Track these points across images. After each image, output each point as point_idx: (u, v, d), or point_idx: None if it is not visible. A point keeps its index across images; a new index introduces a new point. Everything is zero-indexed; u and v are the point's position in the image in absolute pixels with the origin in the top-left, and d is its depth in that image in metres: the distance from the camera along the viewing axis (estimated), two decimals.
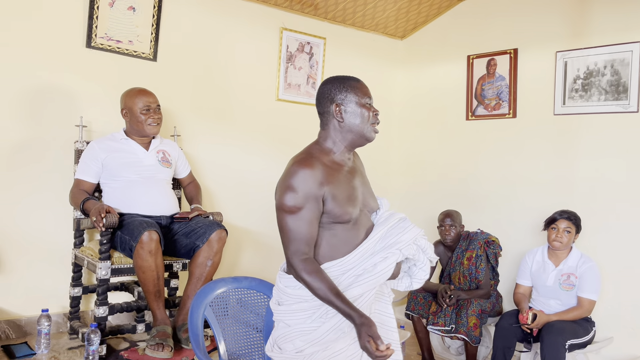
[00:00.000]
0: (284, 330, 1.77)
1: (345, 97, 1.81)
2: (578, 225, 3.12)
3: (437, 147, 4.38)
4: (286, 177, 1.74)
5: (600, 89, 3.39)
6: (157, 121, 2.85)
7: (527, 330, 3.04)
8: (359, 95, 1.81)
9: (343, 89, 1.82)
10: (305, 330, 1.73)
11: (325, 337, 1.71)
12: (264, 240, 3.85)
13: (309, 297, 1.73)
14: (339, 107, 1.81)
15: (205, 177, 3.54)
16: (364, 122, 1.81)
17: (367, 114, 1.81)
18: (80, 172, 2.78)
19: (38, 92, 2.96)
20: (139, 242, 2.47)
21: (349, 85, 1.83)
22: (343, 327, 1.71)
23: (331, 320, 1.72)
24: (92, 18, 3.05)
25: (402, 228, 1.82)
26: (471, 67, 4.10)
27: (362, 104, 1.81)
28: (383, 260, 1.75)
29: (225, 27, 3.64)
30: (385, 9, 4.11)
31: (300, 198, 1.69)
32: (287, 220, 1.71)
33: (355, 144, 1.85)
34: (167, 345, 2.50)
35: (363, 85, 1.85)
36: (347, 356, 1.74)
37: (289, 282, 1.79)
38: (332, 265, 1.76)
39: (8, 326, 2.86)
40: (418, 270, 1.89)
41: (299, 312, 1.75)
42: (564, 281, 3.09)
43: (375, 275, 1.74)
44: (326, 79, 1.89)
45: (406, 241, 1.79)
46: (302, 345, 1.72)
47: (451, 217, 3.51)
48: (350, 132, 1.82)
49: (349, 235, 1.78)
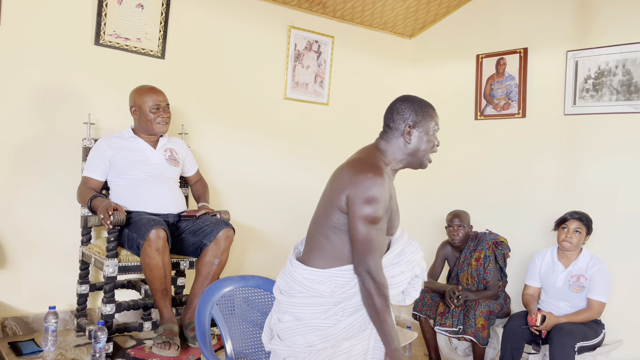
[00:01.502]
0: (293, 324, 1.77)
1: (419, 122, 1.86)
2: (589, 226, 3.09)
3: (445, 146, 4.32)
4: (366, 186, 1.71)
5: (612, 89, 3.35)
6: (166, 120, 2.85)
7: (536, 332, 3.01)
8: (432, 125, 1.88)
9: (420, 113, 1.86)
10: (319, 325, 1.73)
11: (341, 335, 1.73)
12: (271, 238, 3.84)
13: (327, 294, 1.74)
14: (412, 129, 1.85)
15: (212, 176, 3.53)
16: (426, 151, 1.89)
17: (433, 144, 1.90)
18: (88, 170, 2.78)
19: (46, 90, 2.96)
20: (147, 240, 2.46)
21: (426, 111, 1.88)
22: (357, 326, 1.73)
23: (348, 318, 1.73)
24: (100, 15, 3.05)
25: (414, 248, 1.91)
26: (480, 67, 4.08)
27: (432, 133, 1.88)
28: (400, 274, 1.84)
29: (234, 25, 3.63)
30: (394, 7, 4.09)
31: (381, 209, 1.73)
32: (372, 232, 1.72)
33: (409, 166, 1.92)
34: (173, 344, 2.49)
35: (437, 115, 1.92)
36: (350, 356, 1.75)
37: (308, 275, 1.78)
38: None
39: (15, 323, 2.87)
40: (412, 289, 1.96)
41: (314, 306, 1.74)
42: (573, 283, 3.06)
43: (393, 285, 1.81)
44: (405, 96, 1.92)
45: (417, 261, 1.90)
46: (315, 340, 1.73)
47: (459, 217, 3.49)
48: (411, 156, 1.88)
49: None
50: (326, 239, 1.79)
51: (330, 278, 1.76)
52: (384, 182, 1.72)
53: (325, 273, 1.77)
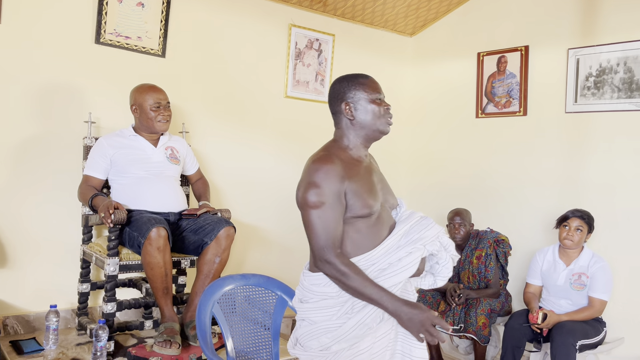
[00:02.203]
0: (309, 328, 1.76)
1: (354, 95, 1.82)
2: (590, 224, 3.08)
3: (446, 145, 4.35)
4: (308, 175, 1.73)
5: (613, 87, 3.35)
6: (167, 118, 2.85)
7: (537, 330, 3.01)
8: (368, 92, 1.83)
9: (352, 87, 1.83)
10: (330, 327, 1.72)
11: (352, 333, 1.70)
12: (272, 237, 3.84)
13: (335, 294, 1.73)
14: (349, 105, 1.82)
15: (213, 174, 3.53)
16: (375, 118, 1.83)
17: (377, 109, 1.83)
18: (89, 168, 2.78)
19: (47, 88, 2.96)
20: (147, 239, 2.46)
21: (357, 82, 1.84)
22: (368, 322, 1.70)
23: (357, 315, 1.70)
24: (101, 14, 3.04)
25: (425, 225, 1.83)
26: (481, 65, 4.07)
27: (371, 100, 1.83)
28: (408, 255, 1.75)
29: (234, 23, 3.62)
30: (395, 5, 4.08)
31: (323, 194, 1.69)
32: (313, 216, 1.69)
33: (369, 139, 1.86)
34: (174, 342, 2.49)
35: (372, 81, 1.86)
36: (371, 354, 1.73)
37: (314, 280, 1.77)
38: (357, 261, 1.74)
39: (17, 322, 2.87)
40: (441, 268, 1.88)
41: (325, 309, 1.74)
42: (574, 281, 3.05)
43: (401, 269, 1.73)
44: (336, 79, 1.89)
45: (430, 237, 1.80)
46: (328, 342, 1.71)
47: (460, 215, 3.49)
48: (362, 129, 1.83)
49: (372, 232, 1.78)
50: None
51: None
52: (329, 168, 1.70)
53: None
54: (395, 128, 4.26)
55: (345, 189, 1.73)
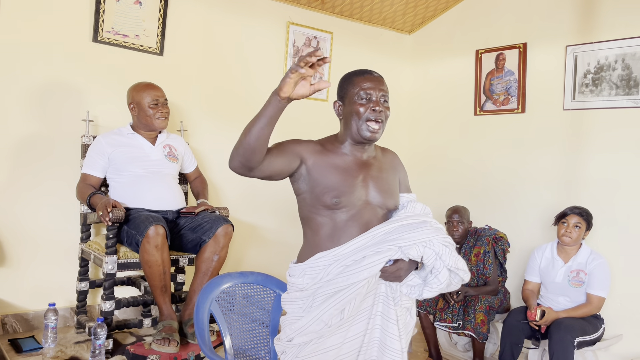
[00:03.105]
0: (283, 318, 1.80)
1: (344, 94, 1.78)
2: (589, 221, 3.08)
3: (445, 142, 4.35)
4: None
5: (611, 84, 3.35)
6: (165, 115, 2.85)
7: (536, 327, 3.01)
8: (356, 90, 1.73)
9: (344, 85, 1.79)
10: (293, 319, 1.73)
11: (309, 328, 1.68)
12: (270, 235, 3.84)
13: (303, 286, 1.71)
14: (338, 102, 1.80)
15: (211, 172, 3.53)
16: (355, 120, 1.72)
17: (359, 110, 1.71)
18: (87, 167, 2.78)
19: (45, 87, 2.96)
20: (145, 237, 2.46)
21: (349, 80, 1.78)
22: (324, 318, 1.66)
23: (314, 311, 1.68)
24: (98, 12, 3.04)
25: (414, 227, 1.68)
26: (480, 62, 4.07)
27: (356, 100, 1.72)
28: (375, 253, 1.64)
29: (232, 21, 3.62)
30: (393, 3, 4.08)
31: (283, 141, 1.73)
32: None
33: (356, 141, 1.77)
34: (173, 340, 2.50)
35: (368, 79, 1.75)
36: (339, 354, 1.70)
37: (290, 271, 1.79)
38: (324, 255, 1.71)
39: (15, 320, 2.88)
40: (433, 278, 1.70)
41: (295, 300, 1.74)
42: (573, 278, 3.06)
43: (362, 267, 1.62)
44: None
45: (410, 239, 1.65)
46: (291, 334, 1.72)
47: (459, 213, 3.48)
48: (348, 129, 1.76)
49: (348, 226, 1.72)
50: (304, 234, 1.81)
51: (305, 270, 1.72)
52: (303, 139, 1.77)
53: (301, 266, 1.74)
54: (392, 125, 4.28)
55: (307, 161, 1.72)
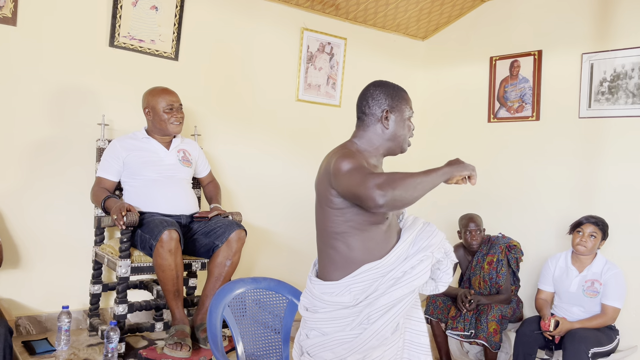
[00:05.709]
0: (320, 339, 1.74)
1: (396, 106, 1.82)
2: (605, 231, 3.05)
3: (457, 149, 4.33)
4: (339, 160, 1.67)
5: (628, 92, 3.31)
6: (180, 120, 2.86)
7: (549, 337, 2.98)
8: (407, 109, 1.85)
9: (395, 97, 1.83)
10: (345, 338, 1.70)
11: (368, 344, 1.68)
12: (283, 241, 3.84)
13: (350, 303, 1.71)
14: (389, 114, 1.81)
15: (224, 177, 3.54)
16: (405, 135, 1.86)
17: (410, 128, 1.87)
18: (102, 170, 2.80)
19: (61, 91, 2.99)
20: (159, 241, 2.47)
21: (401, 95, 1.85)
22: (385, 332, 1.68)
23: (373, 325, 1.68)
24: (115, 17, 3.07)
25: (430, 232, 1.84)
26: (494, 69, 4.05)
27: (409, 116, 1.86)
28: (420, 262, 1.76)
29: (247, 27, 3.64)
30: (407, 9, 4.07)
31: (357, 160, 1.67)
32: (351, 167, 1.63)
33: (390, 152, 1.87)
34: (185, 345, 2.50)
35: (410, 99, 1.89)
36: None
37: (325, 289, 1.75)
38: (370, 268, 1.73)
39: (29, 322, 2.90)
40: (442, 274, 1.89)
41: (338, 319, 1.72)
42: (587, 288, 3.02)
43: (415, 277, 1.73)
44: (378, 81, 1.88)
45: (436, 244, 1.81)
46: (344, 354, 1.69)
47: (475, 221, 3.46)
48: (390, 141, 1.84)
49: (384, 238, 1.78)
50: (333, 249, 1.76)
51: (348, 287, 1.72)
52: (354, 153, 1.71)
53: (342, 283, 1.73)
54: None
55: None
